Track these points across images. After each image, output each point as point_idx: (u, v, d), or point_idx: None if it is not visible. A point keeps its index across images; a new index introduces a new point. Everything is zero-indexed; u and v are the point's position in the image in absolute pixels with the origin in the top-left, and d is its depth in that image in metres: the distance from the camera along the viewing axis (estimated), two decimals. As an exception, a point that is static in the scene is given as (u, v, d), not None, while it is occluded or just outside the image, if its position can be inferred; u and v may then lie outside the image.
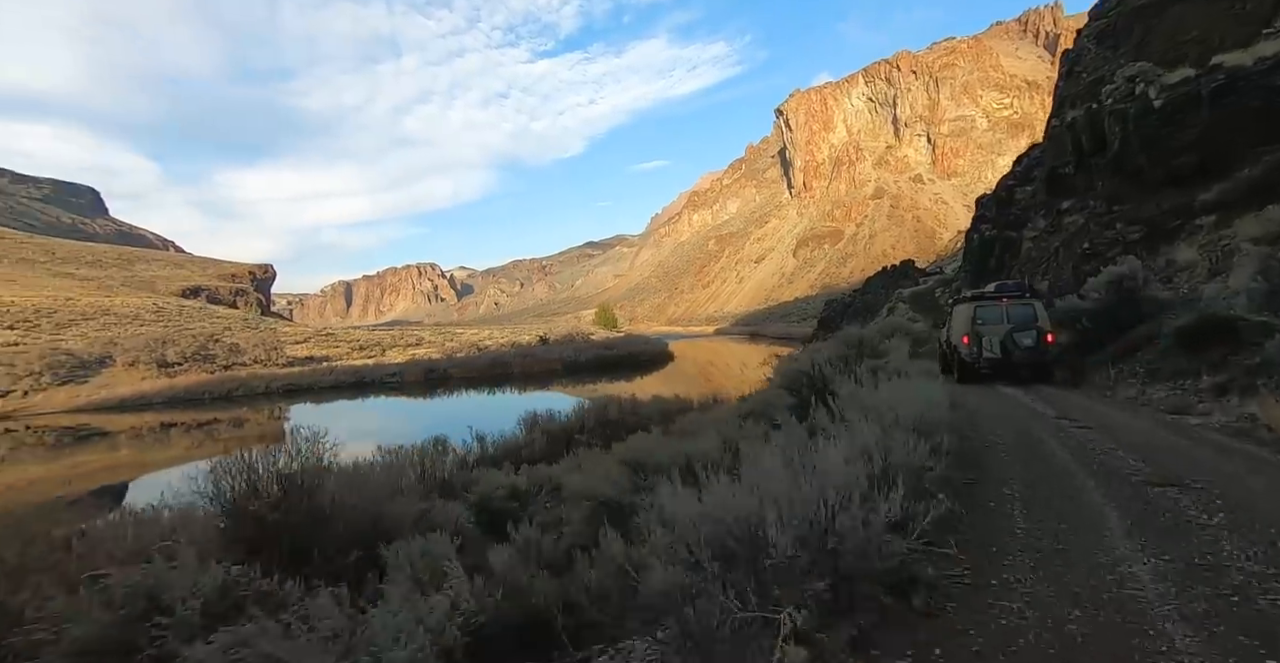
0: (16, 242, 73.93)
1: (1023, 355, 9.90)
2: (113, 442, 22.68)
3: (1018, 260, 18.05)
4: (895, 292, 33.98)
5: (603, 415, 13.02)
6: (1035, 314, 10.16)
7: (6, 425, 25.16)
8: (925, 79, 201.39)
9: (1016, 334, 9.91)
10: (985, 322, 10.38)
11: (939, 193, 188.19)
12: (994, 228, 22.60)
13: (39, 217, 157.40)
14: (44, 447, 22.26)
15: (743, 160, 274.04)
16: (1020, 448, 5.13)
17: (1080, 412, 6.97)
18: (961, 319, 10.80)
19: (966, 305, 10.94)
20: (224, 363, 34.43)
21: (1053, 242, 15.33)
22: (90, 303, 47.95)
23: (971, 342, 10.36)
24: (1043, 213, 17.05)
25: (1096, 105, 14.44)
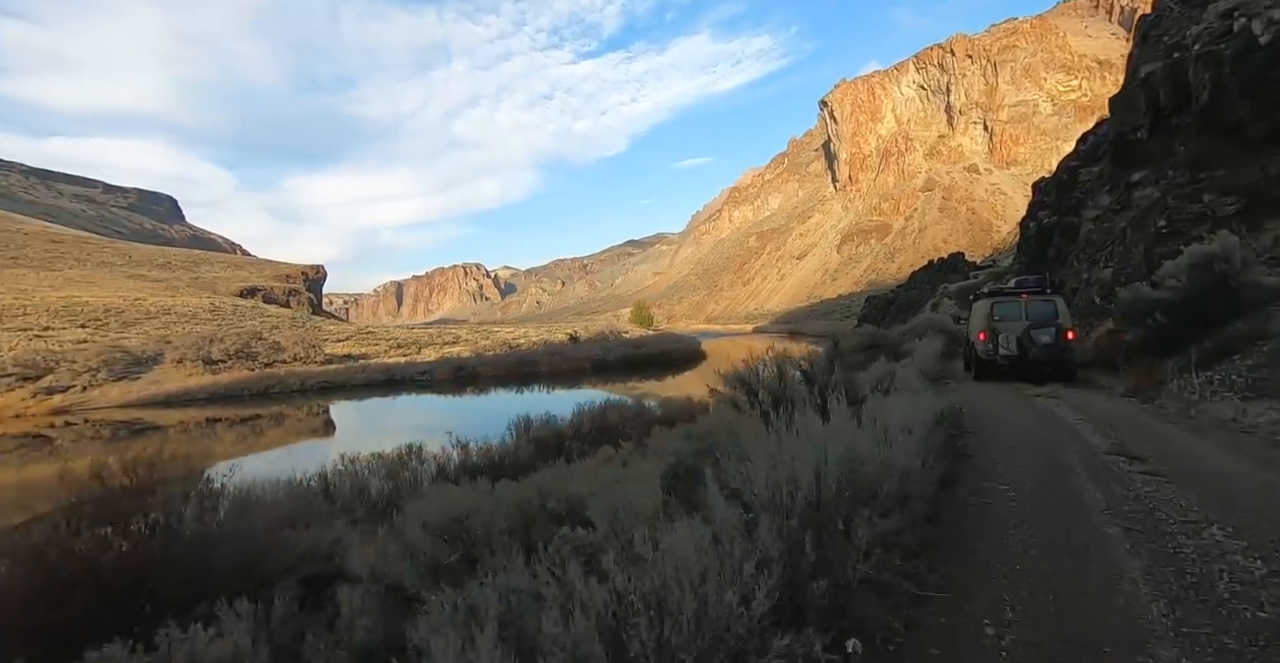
0: (99, 246, 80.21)
1: (1040, 353, 9.60)
2: (164, 436, 23.64)
3: (1074, 246, 15.94)
4: (941, 287, 31.54)
5: (601, 420, 12.20)
6: (1055, 311, 9.82)
7: (66, 419, 26.75)
8: (982, 63, 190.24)
9: (1034, 331, 9.60)
10: (1002, 318, 10.14)
11: (996, 183, 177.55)
12: (1053, 214, 20.37)
13: (125, 223, 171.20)
14: (101, 440, 23.46)
15: (785, 154, 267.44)
16: (1042, 538, 2.83)
17: (1148, 442, 4.93)
18: (979, 316, 10.54)
19: (984, 301, 10.65)
20: (265, 361, 35.71)
21: (1118, 222, 13.27)
22: (155, 303, 51.08)
23: (988, 338, 10.12)
24: (1107, 189, 14.80)
25: (1179, 54, 12.22)
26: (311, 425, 25.05)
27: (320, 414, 27.21)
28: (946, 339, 13.02)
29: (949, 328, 14.33)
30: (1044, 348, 9.56)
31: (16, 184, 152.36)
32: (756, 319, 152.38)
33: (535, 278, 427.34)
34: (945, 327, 14.37)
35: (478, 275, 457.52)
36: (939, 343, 10.75)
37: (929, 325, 13.35)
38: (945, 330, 14.10)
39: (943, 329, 14.06)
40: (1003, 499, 3.43)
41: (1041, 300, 10.10)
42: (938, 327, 13.61)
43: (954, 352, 12.49)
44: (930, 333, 11.92)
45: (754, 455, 2.11)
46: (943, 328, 14.22)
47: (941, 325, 14.58)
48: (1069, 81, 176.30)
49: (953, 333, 14.05)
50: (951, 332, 14.23)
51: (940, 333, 13.51)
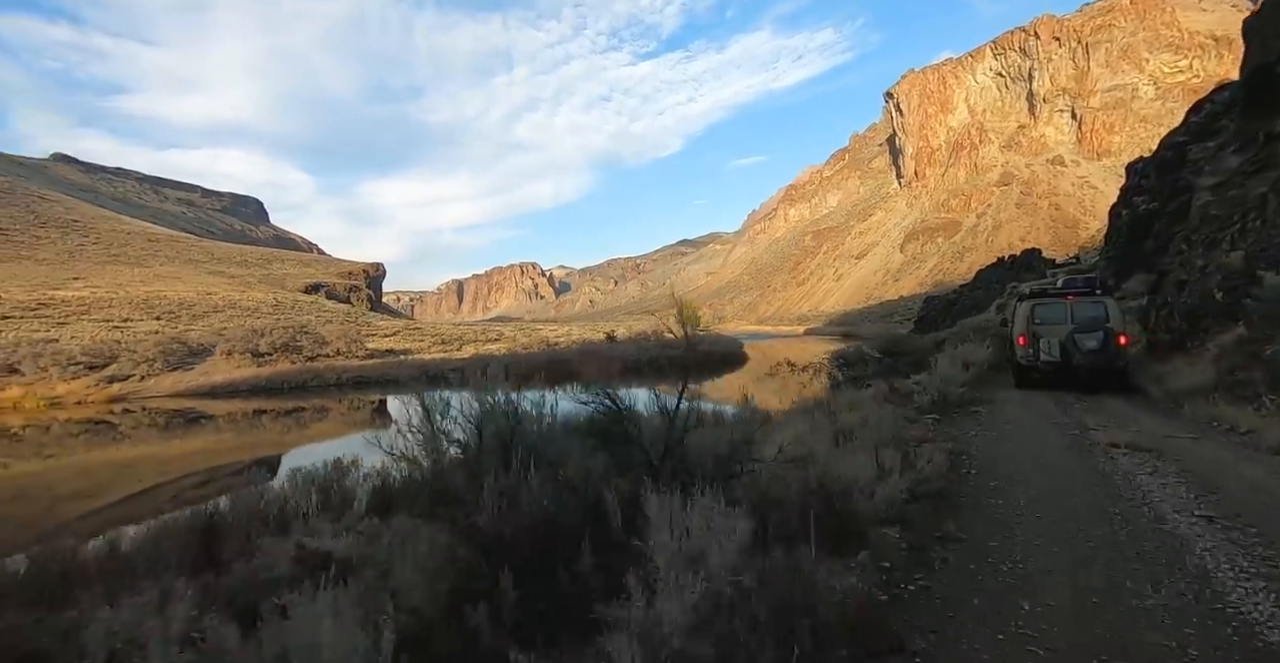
0: (187, 245, 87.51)
1: (1085, 359, 8.69)
2: (217, 424, 24.45)
3: (1182, 227, 12.89)
4: (1010, 286, 27.96)
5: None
6: (1105, 313, 9.01)
7: (124, 406, 28.37)
8: (1072, 46, 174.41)
9: (1079, 335, 8.74)
10: (1044, 321, 9.40)
11: (1085, 176, 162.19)
12: (1153, 199, 17.19)
13: (218, 224, 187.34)
14: (157, 428, 24.56)
15: (846, 150, 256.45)
16: None
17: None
18: (1019, 318, 9.70)
19: (1026, 303, 9.81)
20: (309, 354, 36.87)
21: (1253, 187, 10.27)
22: (224, 297, 54.57)
23: (1028, 343, 9.35)
24: (1234, 148, 11.61)
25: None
26: (352, 420, 25.19)
27: (359, 409, 27.48)
28: (999, 344, 10.81)
29: (1003, 331, 12.02)
30: (1090, 354, 8.63)
31: (131, 190, 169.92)
32: (810, 321, 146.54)
33: (589, 277, 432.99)
34: (1000, 330, 12.03)
35: (533, 274, 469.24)
36: (982, 351, 8.76)
37: (979, 329, 11.12)
38: (1000, 334, 11.78)
39: (998, 332, 11.75)
40: None
41: (1090, 302, 9.25)
42: (990, 330, 11.34)
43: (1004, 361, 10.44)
44: (973, 338, 9.82)
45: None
46: (999, 331, 11.88)
47: (998, 328, 12.20)
48: (1177, 62, 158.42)
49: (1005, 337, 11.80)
50: (1005, 335, 11.95)
51: (993, 339, 11.26)
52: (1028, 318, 9.45)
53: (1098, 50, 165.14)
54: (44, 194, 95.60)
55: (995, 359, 10.10)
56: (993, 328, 11.94)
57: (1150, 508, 3.58)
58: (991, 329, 11.64)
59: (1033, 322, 9.39)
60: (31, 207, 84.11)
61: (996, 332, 12.43)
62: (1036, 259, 37.10)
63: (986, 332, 11.08)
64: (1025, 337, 9.37)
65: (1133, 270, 17.63)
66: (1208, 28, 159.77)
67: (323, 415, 25.62)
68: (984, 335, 10.74)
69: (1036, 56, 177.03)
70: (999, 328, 12.73)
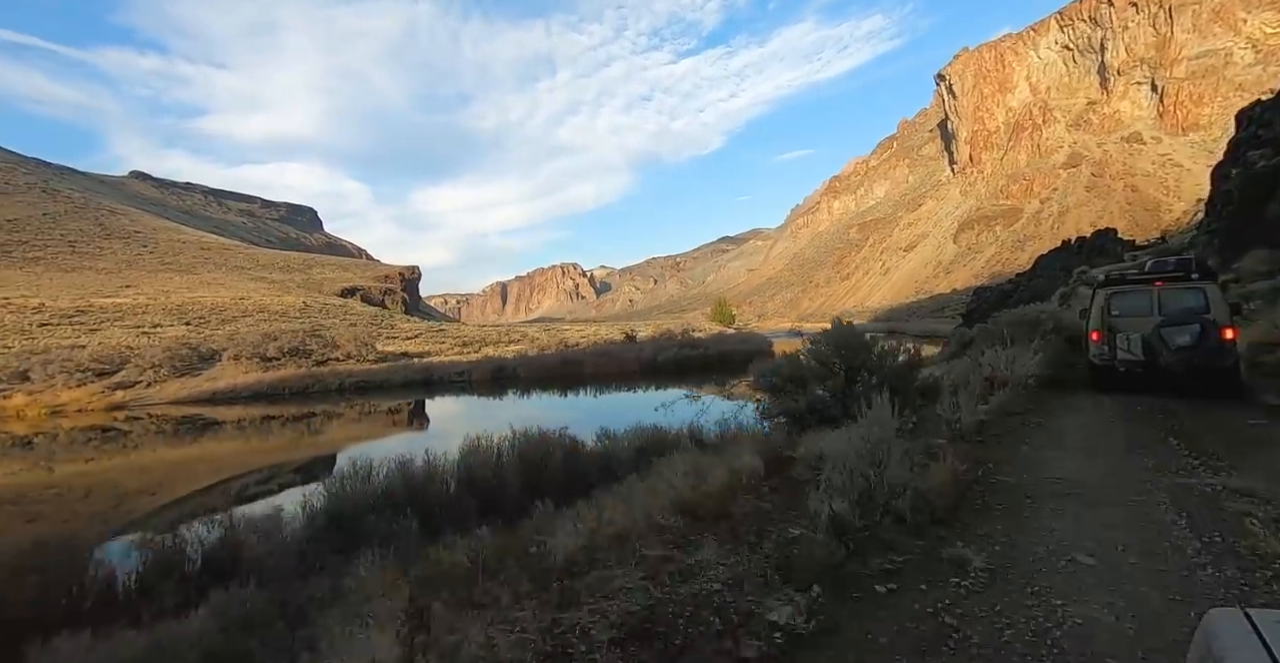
0: (236, 252, 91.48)
1: (1176, 359, 7.10)
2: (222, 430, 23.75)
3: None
4: (1078, 271, 23.61)
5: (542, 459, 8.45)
6: (1205, 302, 7.35)
7: (128, 414, 28.22)
8: (1152, 10, 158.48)
9: (1168, 330, 7.18)
10: (1123, 313, 7.85)
11: (1168, 153, 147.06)
12: (1277, 152, 13.31)
13: (274, 233, 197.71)
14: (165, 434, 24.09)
15: (894, 137, 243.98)
16: None
17: None
18: (1094, 309, 8.08)
19: (1101, 291, 8.16)
20: (318, 358, 36.33)
21: None
22: (254, 302, 55.69)
23: (1103, 339, 7.85)
24: None
25: None
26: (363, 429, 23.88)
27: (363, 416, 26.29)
28: (1059, 345, 7.73)
29: (1069, 325, 8.78)
30: (1182, 352, 7.07)
31: (197, 202, 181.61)
32: (853, 317, 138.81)
33: (629, 276, 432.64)
34: (1063, 323, 8.78)
35: (574, 275, 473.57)
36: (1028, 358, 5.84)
37: (1032, 324, 7.99)
38: (1063, 329, 8.58)
39: (1058, 327, 8.56)
40: None
41: (1183, 289, 7.58)
42: (1048, 324, 8.18)
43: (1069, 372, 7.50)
44: (1022, 337, 6.88)
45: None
46: (1059, 325, 8.67)
47: (1058, 322, 8.94)
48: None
49: (1074, 333, 8.59)
50: (1073, 331, 8.72)
51: (1053, 334, 8.13)
52: (1103, 309, 7.84)
53: (1183, 13, 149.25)
54: (114, 208, 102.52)
55: (1054, 368, 7.07)
56: (1050, 320, 8.76)
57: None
58: (1048, 322, 8.49)
59: (1108, 313, 7.75)
60: (100, 220, 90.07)
61: (1061, 325, 9.28)
62: (1110, 241, 31.86)
63: (1036, 327, 7.92)
64: (1100, 332, 7.78)
65: (1247, 245, 13.74)
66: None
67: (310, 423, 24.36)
68: (1033, 331, 7.61)
69: (1109, 25, 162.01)
70: (1061, 320, 9.51)
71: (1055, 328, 8.53)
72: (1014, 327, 7.53)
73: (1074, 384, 7.54)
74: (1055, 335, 8.00)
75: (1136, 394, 7.32)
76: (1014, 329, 7.35)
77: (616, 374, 35.83)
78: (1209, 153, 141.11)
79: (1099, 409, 6.44)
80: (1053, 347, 7.40)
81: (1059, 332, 8.48)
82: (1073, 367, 7.68)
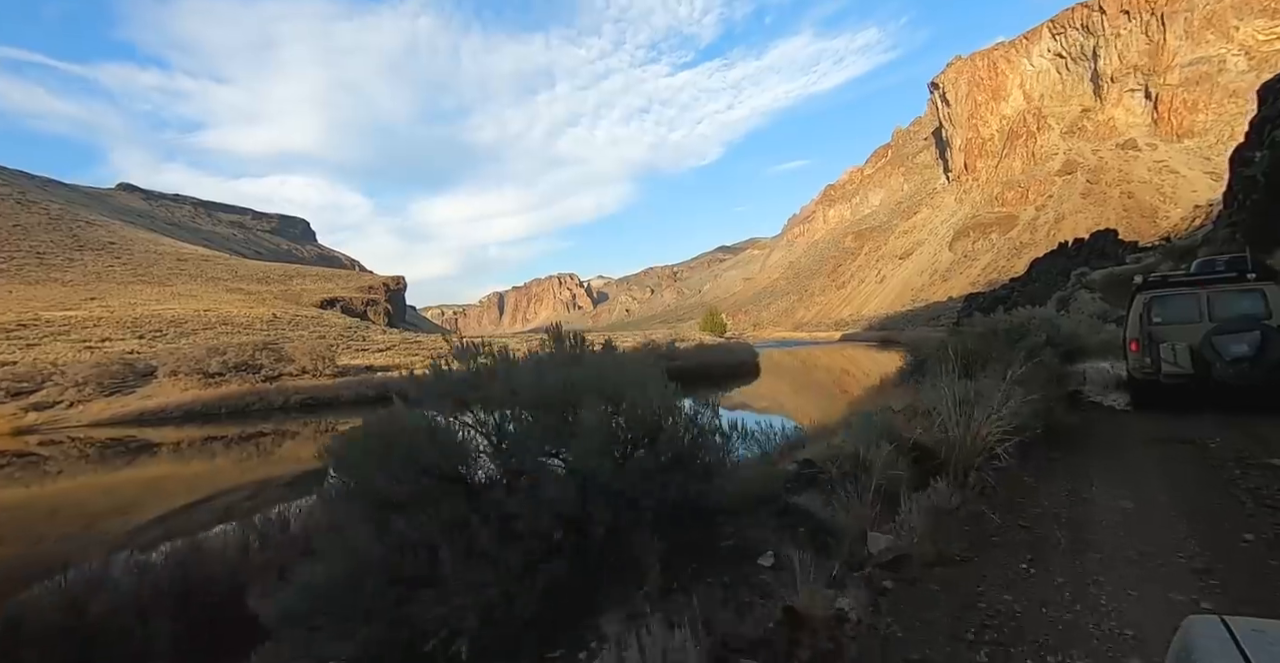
0: (214, 263, 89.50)
1: (1232, 372, 5.91)
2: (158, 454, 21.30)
3: None
4: (1076, 274, 21.46)
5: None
6: (1265, 306, 6.22)
7: (42, 436, 25.74)
8: (1144, 18, 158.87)
9: (1221, 338, 6.04)
10: (1166, 320, 6.68)
11: (1164, 160, 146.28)
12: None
13: (264, 244, 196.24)
14: (87, 459, 21.67)
15: (889, 146, 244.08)
16: None
17: None
18: (1132, 316, 6.88)
19: (1141, 296, 6.93)
20: (268, 373, 34.00)
21: None
22: (221, 313, 53.45)
23: (1143, 349, 6.62)
24: None
25: None
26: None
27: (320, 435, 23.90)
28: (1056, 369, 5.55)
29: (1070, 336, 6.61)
30: (1240, 364, 5.85)
31: (186, 214, 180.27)
32: (849, 326, 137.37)
33: (626, 286, 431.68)
34: (1062, 334, 6.59)
35: (571, 285, 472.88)
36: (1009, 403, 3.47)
37: (1011, 335, 5.78)
38: (1060, 341, 6.41)
39: (1053, 340, 6.38)
40: None
41: (1238, 291, 6.48)
42: (1037, 336, 5.97)
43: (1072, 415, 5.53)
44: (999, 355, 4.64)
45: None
46: (1055, 337, 6.47)
47: (1053, 332, 6.70)
48: (1273, 27, 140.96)
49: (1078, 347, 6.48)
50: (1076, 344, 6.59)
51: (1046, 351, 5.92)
52: (1141, 316, 6.89)
53: (1175, 21, 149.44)
54: (93, 220, 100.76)
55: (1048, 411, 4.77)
56: (1041, 330, 6.60)
57: None
58: (1038, 334, 6.31)
59: (1149, 321, 6.83)
60: (75, 232, 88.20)
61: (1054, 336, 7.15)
62: (1110, 243, 29.77)
63: (1020, 341, 5.63)
64: (1139, 342, 6.89)
65: (1277, 238, 11.60)
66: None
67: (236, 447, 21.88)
68: (1014, 346, 5.35)
69: (1102, 33, 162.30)
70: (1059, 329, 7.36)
71: (1049, 341, 6.32)
72: (985, 341, 5.20)
73: (1082, 441, 4.92)
74: (1049, 353, 5.74)
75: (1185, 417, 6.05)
76: (984, 345, 5.02)
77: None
78: (1205, 159, 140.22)
79: (1144, 509, 3.40)
80: (1046, 373, 5.12)
81: (1054, 346, 6.28)
82: (1078, 404, 5.47)
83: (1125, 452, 4.76)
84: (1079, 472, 4.09)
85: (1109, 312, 13.02)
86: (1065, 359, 6.46)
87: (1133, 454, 4.61)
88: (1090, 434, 5.36)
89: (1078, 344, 7.40)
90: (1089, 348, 7.55)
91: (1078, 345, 7.37)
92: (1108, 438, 5.15)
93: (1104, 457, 4.50)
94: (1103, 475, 3.99)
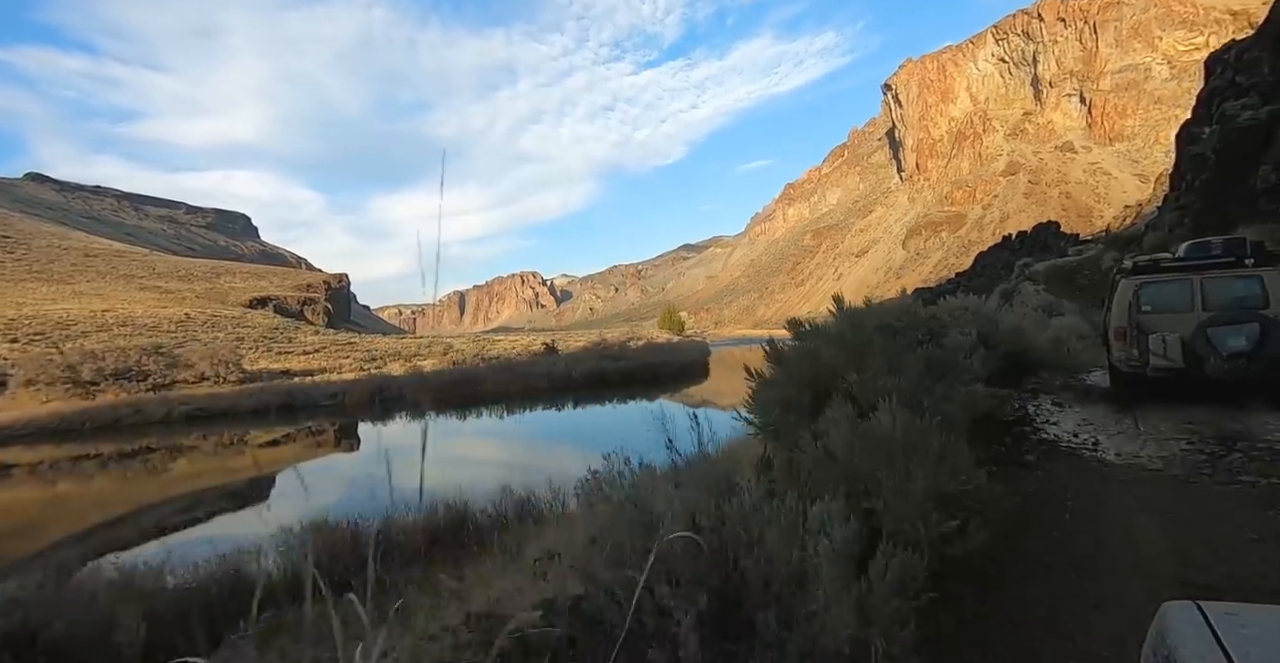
0: (129, 259, 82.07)
1: (1229, 367, 5.41)
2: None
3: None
4: (1020, 265, 20.63)
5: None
6: (1262, 294, 5.68)
7: None
8: (1078, 26, 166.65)
9: (1217, 330, 5.54)
10: (1155, 308, 6.20)
11: (1097, 162, 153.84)
12: (1267, 100, 10.03)
13: (199, 240, 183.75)
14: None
15: (845, 146, 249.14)
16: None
17: None
18: (1117, 305, 6.39)
19: (1126, 282, 6.46)
20: (158, 381, 30.17)
21: None
22: (121, 314, 48.28)
23: (1129, 340, 6.16)
24: None
25: None
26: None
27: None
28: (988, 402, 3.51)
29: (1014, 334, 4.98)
30: (1237, 359, 5.34)
31: (108, 207, 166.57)
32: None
33: (590, 285, 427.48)
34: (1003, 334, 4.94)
35: (534, 283, 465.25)
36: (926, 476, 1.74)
37: (917, 333, 4.05)
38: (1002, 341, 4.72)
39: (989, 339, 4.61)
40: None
41: (1235, 277, 5.84)
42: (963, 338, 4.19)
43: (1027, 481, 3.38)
44: (909, 367, 2.82)
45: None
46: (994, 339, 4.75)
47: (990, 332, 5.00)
48: (1192, 39, 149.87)
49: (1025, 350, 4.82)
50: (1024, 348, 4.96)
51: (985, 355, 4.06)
52: (1129, 305, 6.20)
53: (1106, 30, 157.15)
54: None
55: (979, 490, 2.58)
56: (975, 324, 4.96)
57: None
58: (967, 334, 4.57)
59: (1136, 309, 6.12)
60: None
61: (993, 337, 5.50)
62: (1052, 235, 29.53)
63: (928, 341, 3.65)
64: (1125, 331, 6.17)
65: (1231, 222, 10.52)
66: (1224, 3, 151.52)
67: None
68: (912, 353, 3.36)
69: (1041, 39, 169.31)
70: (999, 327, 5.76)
71: (983, 341, 4.53)
72: (857, 350, 3.03)
73: (1024, 582, 2.49)
74: (980, 360, 3.78)
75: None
76: (855, 356, 2.89)
77: (520, 392, 31.16)
78: (1134, 161, 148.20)
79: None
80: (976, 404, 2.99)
81: (990, 348, 4.48)
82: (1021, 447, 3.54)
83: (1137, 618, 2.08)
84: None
85: (1054, 304, 11.75)
86: (1010, 367, 4.73)
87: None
88: (1047, 546, 2.90)
89: (1023, 344, 5.73)
90: (1037, 347, 6.01)
91: (1023, 346, 5.69)
92: (1082, 561, 2.73)
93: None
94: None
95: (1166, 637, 0.79)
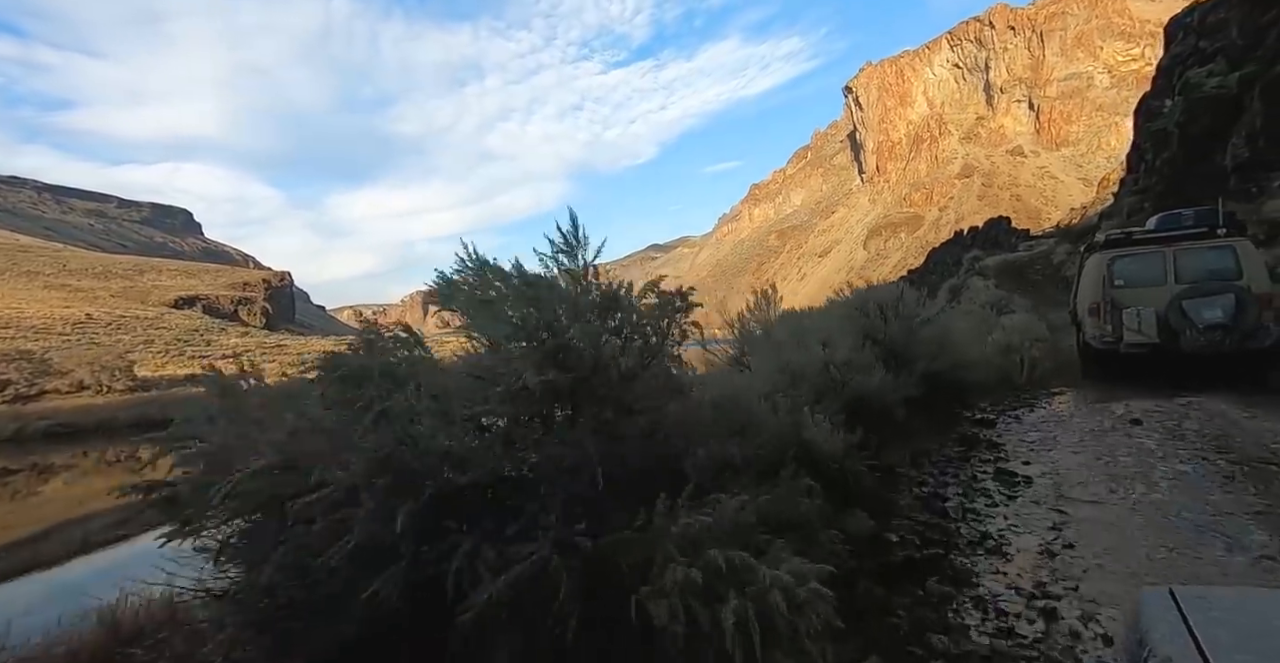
0: (35, 255, 74.99)
1: (1204, 341, 5.29)
2: None
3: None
4: (969, 258, 19.62)
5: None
6: (1235, 265, 5.53)
7: None
8: (1027, 35, 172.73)
9: (1191, 302, 5.39)
10: (1129, 282, 5.97)
11: (1044, 166, 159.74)
12: (1234, 67, 8.49)
13: (133, 237, 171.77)
14: None
15: (808, 148, 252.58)
16: None
17: None
18: (1088, 280, 6.33)
19: (1098, 256, 6.28)
20: (21, 391, 26.33)
21: None
22: (7, 314, 43.10)
23: (1103, 316, 5.98)
24: None
25: None
26: None
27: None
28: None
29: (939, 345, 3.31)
30: (1213, 331, 5.22)
31: (25, 200, 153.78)
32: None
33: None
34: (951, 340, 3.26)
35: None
36: None
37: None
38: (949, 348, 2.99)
39: (897, 350, 2.80)
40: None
41: (1208, 248, 5.71)
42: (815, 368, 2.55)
43: None
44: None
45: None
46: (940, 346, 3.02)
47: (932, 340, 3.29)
48: (1129, 50, 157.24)
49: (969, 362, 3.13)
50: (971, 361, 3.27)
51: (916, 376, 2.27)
52: (1102, 279, 6.01)
53: (1052, 38, 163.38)
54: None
55: None
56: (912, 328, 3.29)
57: None
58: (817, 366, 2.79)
59: (1109, 284, 5.96)
60: None
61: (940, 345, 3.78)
62: (1004, 231, 28.98)
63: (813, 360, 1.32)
64: (1099, 307, 6.02)
65: (1198, 204, 9.14)
66: (1156, 16, 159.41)
67: None
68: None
69: (992, 46, 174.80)
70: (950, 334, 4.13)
71: (899, 357, 2.72)
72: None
73: None
74: (903, 385, 2.01)
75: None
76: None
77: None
78: (1078, 166, 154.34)
79: None
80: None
81: (910, 363, 2.72)
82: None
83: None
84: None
85: (1005, 299, 10.29)
86: (933, 393, 2.86)
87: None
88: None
89: (952, 359, 3.90)
90: (974, 362, 4.28)
91: (953, 361, 3.85)
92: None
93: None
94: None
95: (1140, 620, 0.82)
